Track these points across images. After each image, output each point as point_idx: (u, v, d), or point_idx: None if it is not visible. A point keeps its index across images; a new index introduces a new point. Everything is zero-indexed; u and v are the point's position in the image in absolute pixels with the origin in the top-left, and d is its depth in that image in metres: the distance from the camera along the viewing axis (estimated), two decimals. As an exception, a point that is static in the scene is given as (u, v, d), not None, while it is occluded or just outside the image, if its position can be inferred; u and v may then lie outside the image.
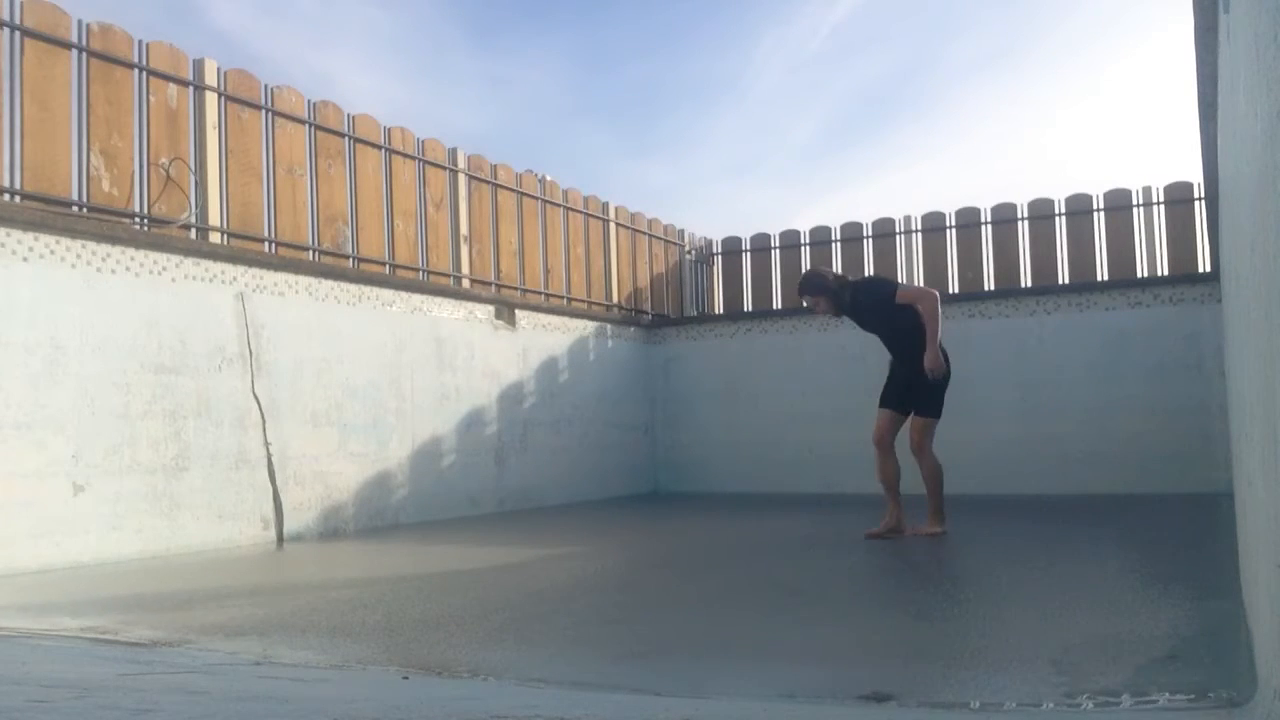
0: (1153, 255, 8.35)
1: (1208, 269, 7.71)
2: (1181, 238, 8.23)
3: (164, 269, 5.30)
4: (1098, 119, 20.14)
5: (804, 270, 5.43)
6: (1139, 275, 8.27)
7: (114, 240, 5.08)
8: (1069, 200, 8.65)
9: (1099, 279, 8.35)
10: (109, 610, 3.46)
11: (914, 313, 5.22)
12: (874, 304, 5.32)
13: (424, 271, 7.20)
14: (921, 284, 9.18)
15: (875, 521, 5.31)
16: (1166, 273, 8.19)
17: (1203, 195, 7.22)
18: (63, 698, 1.73)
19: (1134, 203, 8.43)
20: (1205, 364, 7.26)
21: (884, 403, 5.39)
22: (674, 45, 19.28)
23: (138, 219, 5.38)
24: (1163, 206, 8.35)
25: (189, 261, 5.44)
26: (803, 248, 9.76)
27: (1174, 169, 13.30)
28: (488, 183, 7.92)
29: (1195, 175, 7.88)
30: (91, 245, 4.98)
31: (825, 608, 3.38)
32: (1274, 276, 1.28)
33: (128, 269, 5.13)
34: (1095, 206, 8.55)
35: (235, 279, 5.68)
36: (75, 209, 5.08)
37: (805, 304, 5.54)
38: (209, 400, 5.44)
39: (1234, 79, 1.97)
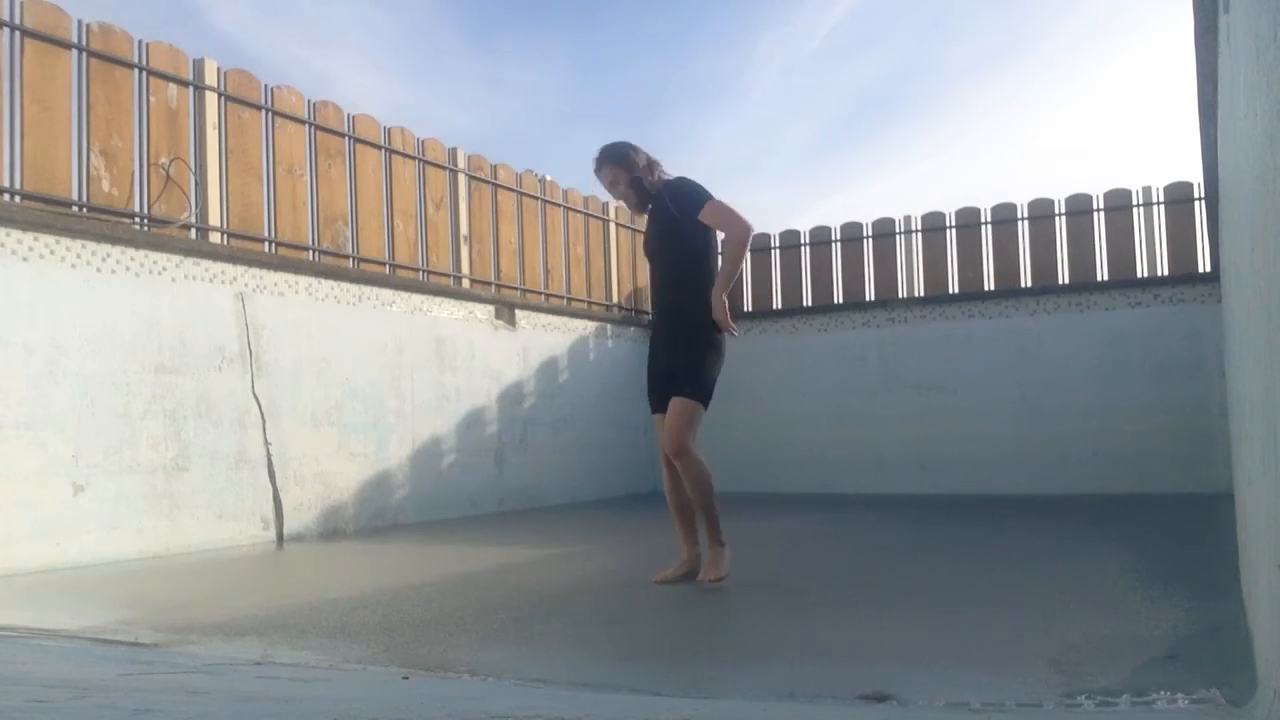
0: (1153, 255, 8.34)
1: (1208, 269, 7.71)
2: (1181, 238, 8.23)
3: (164, 269, 5.30)
4: (1097, 119, 20.14)
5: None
6: (1139, 275, 8.26)
7: (114, 240, 5.08)
8: (1069, 200, 8.64)
9: (1099, 279, 8.35)
10: (109, 610, 3.46)
11: (706, 246, 3.92)
12: (676, 215, 3.89)
13: (424, 271, 7.20)
14: (922, 285, 9.18)
15: (875, 521, 5.28)
16: (1166, 273, 8.18)
17: (1203, 195, 7.22)
18: (63, 698, 1.73)
19: (1134, 203, 8.42)
20: (1205, 364, 7.26)
21: (655, 405, 4.00)
22: (672, 47, 19.28)
23: (138, 219, 5.38)
24: (1163, 206, 8.34)
25: (189, 261, 5.44)
26: (803, 248, 9.75)
27: (1174, 169, 13.30)
28: (488, 183, 7.92)
29: (1195, 175, 7.88)
30: (91, 245, 4.98)
31: (825, 607, 3.38)
32: (1274, 276, 1.28)
33: (128, 269, 5.13)
34: (1095, 206, 8.54)
35: (235, 279, 5.68)
36: (75, 209, 5.08)
37: (601, 181, 4.07)
38: (209, 400, 5.43)
39: (1234, 79, 1.97)
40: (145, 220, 5.40)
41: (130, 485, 5.01)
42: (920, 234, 9.20)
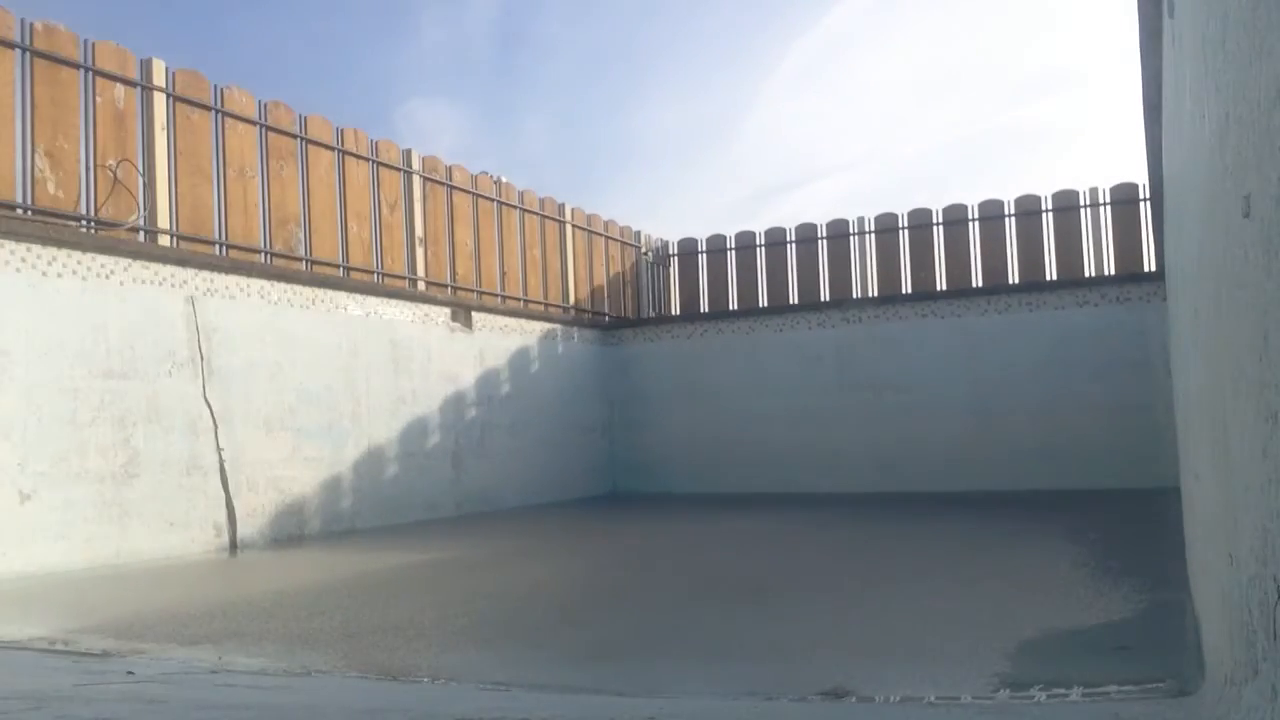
0: (1099, 255, 8.52)
1: (1153, 268, 7.89)
2: (1127, 238, 8.41)
3: (112, 272, 5.20)
4: (1044, 121, 20.47)
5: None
6: (1086, 275, 8.43)
7: (60, 243, 4.97)
8: (1018, 201, 8.79)
9: (1048, 279, 8.50)
10: (58, 620, 3.39)
11: None
12: None
13: (379, 274, 7.14)
14: (876, 285, 9.26)
15: (832, 519, 5.32)
16: (1113, 272, 8.36)
17: (1148, 196, 7.38)
18: (18, 709, 1.70)
19: (1081, 203, 8.59)
20: (1152, 361, 7.42)
21: None
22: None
23: (84, 222, 5.27)
24: (1109, 207, 8.52)
25: (137, 265, 5.34)
26: (758, 249, 9.82)
27: (1120, 170, 13.58)
28: (442, 184, 7.87)
29: (1140, 176, 8.05)
30: (37, 248, 4.87)
31: (783, 605, 3.41)
32: (1223, 274, 1.32)
33: (74, 272, 5.02)
34: (1044, 207, 8.70)
35: (185, 282, 5.58)
36: (19, 211, 4.96)
37: None
38: (159, 406, 5.34)
39: (1179, 82, 2.02)
40: (92, 223, 5.30)
41: (78, 493, 4.90)
42: (874, 235, 9.31)
